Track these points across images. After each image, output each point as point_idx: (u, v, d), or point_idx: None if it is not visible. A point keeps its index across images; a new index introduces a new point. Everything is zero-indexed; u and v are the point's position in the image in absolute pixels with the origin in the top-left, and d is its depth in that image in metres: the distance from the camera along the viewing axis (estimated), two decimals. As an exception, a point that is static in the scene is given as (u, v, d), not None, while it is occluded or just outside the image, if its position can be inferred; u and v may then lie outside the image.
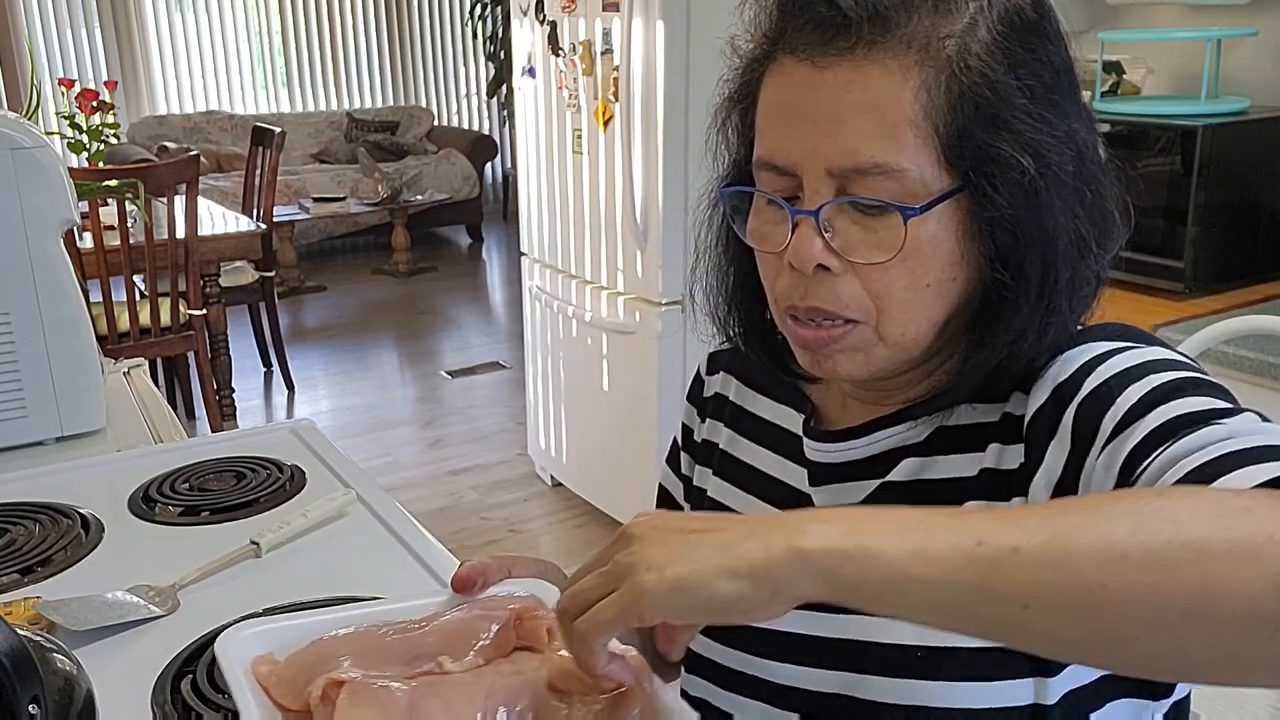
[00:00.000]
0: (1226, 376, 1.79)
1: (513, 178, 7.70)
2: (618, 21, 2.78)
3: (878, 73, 0.69)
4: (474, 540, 3.27)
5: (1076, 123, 0.74)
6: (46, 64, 6.74)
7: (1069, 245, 0.73)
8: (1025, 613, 0.50)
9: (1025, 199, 0.71)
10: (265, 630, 0.71)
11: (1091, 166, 0.75)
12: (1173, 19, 2.47)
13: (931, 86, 0.69)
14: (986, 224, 0.71)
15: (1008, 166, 0.70)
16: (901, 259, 0.71)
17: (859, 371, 0.77)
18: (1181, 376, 0.68)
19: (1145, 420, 0.65)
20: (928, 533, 0.53)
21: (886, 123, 0.69)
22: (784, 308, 0.77)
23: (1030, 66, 0.72)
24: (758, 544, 0.54)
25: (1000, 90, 0.70)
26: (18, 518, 1.12)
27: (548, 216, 3.34)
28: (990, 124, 0.70)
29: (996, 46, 0.71)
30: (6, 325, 1.35)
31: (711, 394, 0.98)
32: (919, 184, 0.70)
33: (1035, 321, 0.73)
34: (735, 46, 0.79)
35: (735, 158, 0.82)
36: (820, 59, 0.70)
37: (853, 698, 0.78)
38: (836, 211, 0.72)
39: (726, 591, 0.54)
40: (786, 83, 0.73)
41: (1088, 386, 0.71)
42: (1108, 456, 0.67)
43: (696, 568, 0.54)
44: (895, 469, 0.81)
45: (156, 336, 3.49)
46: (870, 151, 0.69)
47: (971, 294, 0.75)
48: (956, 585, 0.51)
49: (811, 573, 0.53)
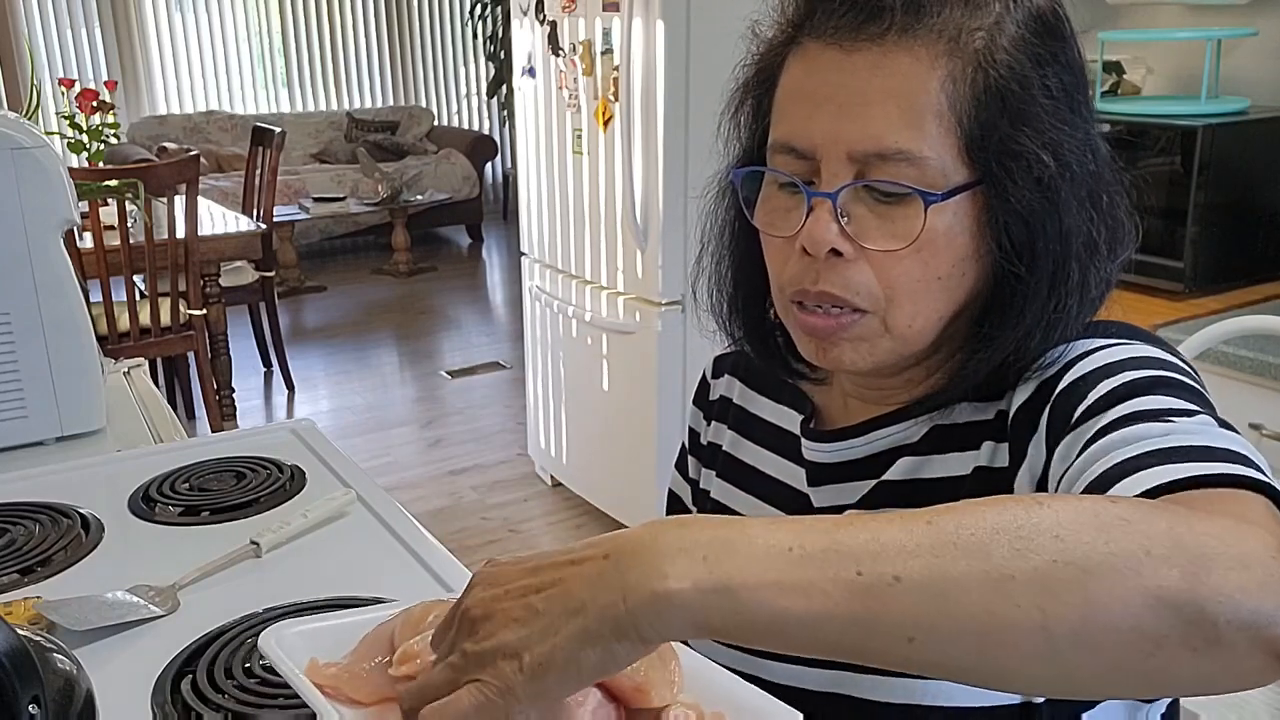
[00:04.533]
0: (1226, 376, 1.79)
1: (513, 178, 7.70)
2: (618, 21, 2.78)
3: (907, 60, 0.69)
4: (474, 540, 3.27)
5: (1092, 127, 0.74)
6: (46, 64, 6.74)
7: (1081, 246, 0.73)
8: (910, 645, 0.48)
9: (1043, 196, 0.71)
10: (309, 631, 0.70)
11: (1106, 171, 0.75)
12: (1173, 19, 2.47)
13: (958, 78, 0.70)
14: (1003, 219, 0.71)
15: (1029, 162, 0.70)
16: (915, 249, 0.71)
17: (862, 363, 0.76)
18: (1157, 375, 0.68)
19: (1107, 413, 0.65)
20: (801, 561, 0.48)
21: (912, 110, 0.69)
22: (791, 294, 0.76)
23: (1052, 67, 0.72)
24: (613, 596, 0.48)
25: (1026, 87, 0.70)
26: (18, 518, 1.12)
27: (548, 216, 3.34)
28: (1014, 119, 0.70)
29: (1023, 44, 0.71)
30: (6, 325, 1.34)
31: (717, 397, 0.98)
32: (939, 174, 0.70)
33: (1043, 319, 0.73)
34: (757, 32, 0.78)
35: (746, 145, 0.82)
36: (850, 43, 0.71)
37: (847, 696, 0.78)
38: (854, 197, 0.72)
39: (594, 660, 0.49)
40: (811, 66, 0.73)
41: (1066, 380, 0.71)
42: (1065, 447, 0.67)
43: (555, 643, 0.49)
44: (891, 468, 0.81)
45: (156, 336, 3.49)
46: (895, 137, 0.69)
47: (979, 291, 0.75)
48: (836, 620, 0.48)
49: (679, 617, 0.48)
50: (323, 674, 0.66)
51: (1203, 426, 0.61)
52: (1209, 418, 0.63)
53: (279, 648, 0.67)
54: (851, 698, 0.78)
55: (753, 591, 0.48)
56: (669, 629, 0.49)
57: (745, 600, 0.48)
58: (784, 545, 0.49)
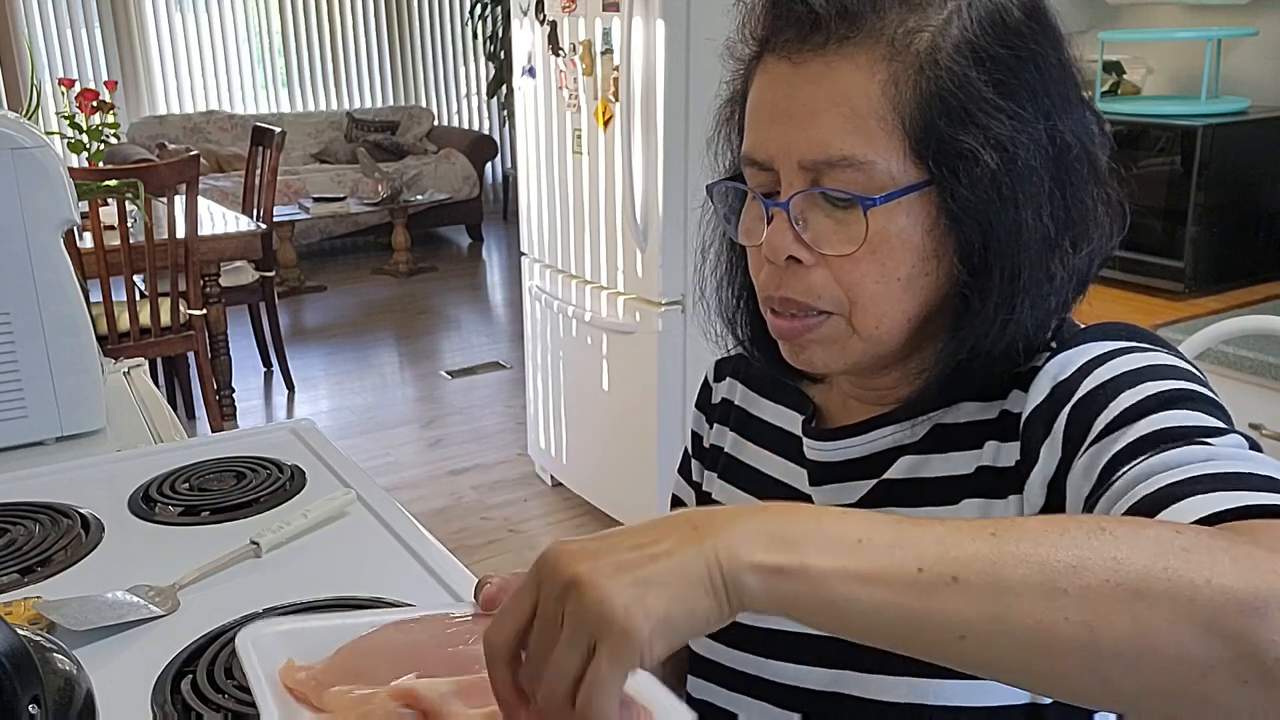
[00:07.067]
0: (1226, 376, 1.79)
1: (513, 178, 7.70)
2: (618, 21, 2.78)
3: (848, 68, 0.71)
4: (474, 540, 3.27)
5: (1062, 121, 0.74)
6: (46, 64, 6.74)
7: (1034, 241, 0.73)
8: (961, 643, 0.50)
9: (990, 194, 0.71)
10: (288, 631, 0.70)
11: (1075, 165, 0.74)
12: (1173, 19, 2.47)
13: (900, 81, 0.70)
14: (954, 218, 0.72)
15: (972, 161, 0.70)
16: (870, 251, 0.72)
17: (835, 364, 0.78)
18: (1178, 387, 0.68)
19: (1133, 427, 0.65)
20: (869, 552, 0.51)
21: (855, 116, 0.71)
22: (763, 299, 0.79)
23: (1008, 64, 0.72)
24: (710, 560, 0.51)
25: (967, 86, 0.71)
26: (18, 518, 1.12)
27: (548, 216, 3.34)
28: (955, 119, 0.70)
29: (968, 44, 0.71)
30: (6, 325, 1.35)
31: (719, 400, 0.99)
32: (886, 176, 0.71)
33: (996, 320, 0.73)
34: (732, 50, 0.80)
35: (734, 158, 0.83)
36: (797, 56, 0.73)
37: (852, 696, 0.78)
38: (809, 204, 0.73)
39: (708, 611, 0.51)
40: (768, 80, 0.75)
41: (1085, 388, 0.71)
42: (1090, 459, 0.67)
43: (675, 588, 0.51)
44: (892, 467, 0.81)
45: (156, 336, 3.49)
46: (839, 144, 0.71)
47: (947, 291, 0.75)
48: (894, 610, 0.51)
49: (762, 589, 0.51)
50: (294, 677, 0.66)
51: (1241, 450, 0.62)
52: (1240, 437, 0.64)
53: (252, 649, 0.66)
54: (855, 697, 0.78)
55: (824, 575, 0.51)
56: (753, 599, 0.51)
57: (817, 583, 0.51)
58: (854, 537, 0.52)
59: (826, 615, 0.51)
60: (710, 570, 0.51)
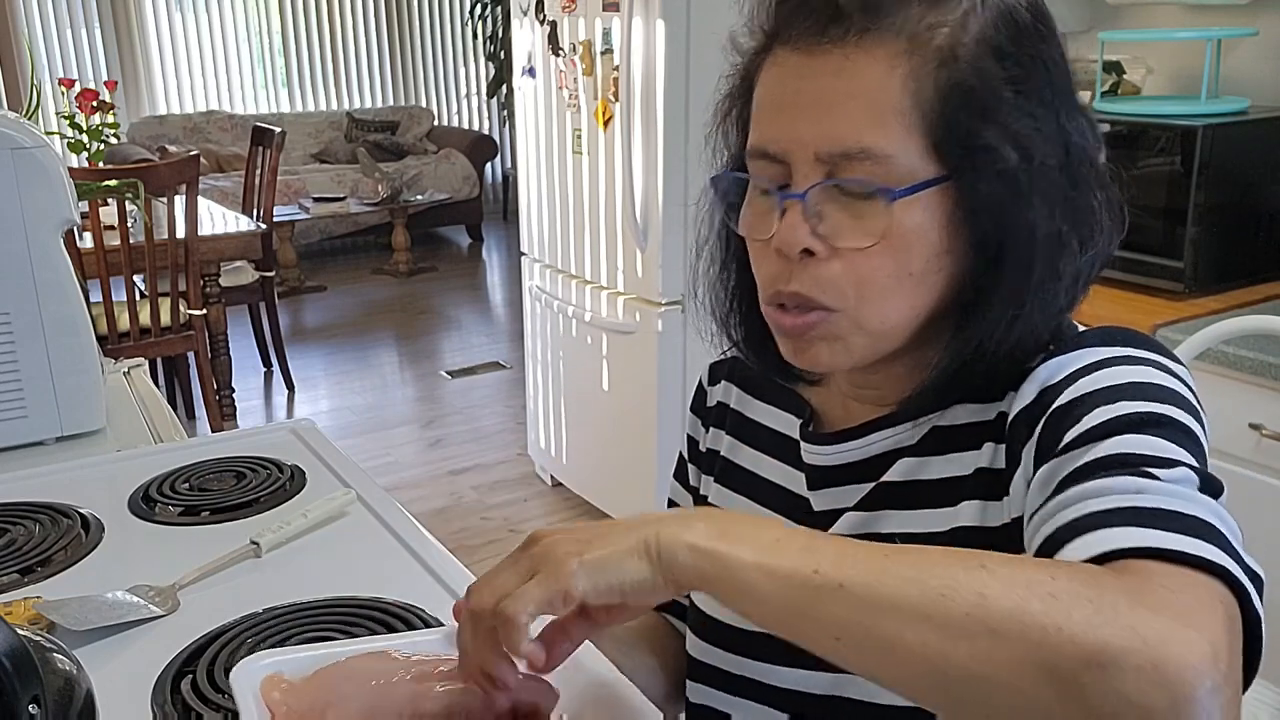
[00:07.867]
0: (1226, 376, 1.79)
1: (513, 178, 7.70)
2: (618, 21, 2.78)
3: (867, 61, 0.71)
4: (474, 540, 3.27)
5: (1069, 123, 0.74)
6: (46, 64, 6.74)
7: (1047, 239, 0.73)
8: (836, 643, 0.56)
9: (1008, 190, 0.71)
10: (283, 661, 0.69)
11: (1081, 167, 0.75)
12: (1173, 19, 2.47)
13: (920, 75, 0.70)
14: (970, 213, 0.72)
15: (992, 157, 0.70)
16: (886, 245, 0.72)
17: (840, 361, 0.77)
18: (1151, 410, 0.66)
19: (1096, 447, 0.65)
20: (780, 551, 0.58)
21: (874, 109, 0.70)
22: (768, 295, 0.78)
23: (1022, 64, 0.72)
24: (651, 531, 0.60)
25: (988, 82, 0.71)
26: (18, 518, 1.12)
27: (548, 216, 3.34)
28: (977, 114, 0.71)
29: (987, 41, 0.72)
30: (6, 325, 1.35)
31: (714, 403, 0.98)
32: (905, 170, 0.71)
33: (1004, 317, 0.73)
34: (736, 43, 0.80)
35: (734, 153, 0.83)
36: (813, 48, 0.72)
37: (847, 698, 0.78)
38: (825, 197, 0.73)
39: (637, 571, 0.60)
40: (780, 73, 0.75)
41: (1065, 397, 0.70)
42: (1048, 471, 0.67)
43: (611, 549, 0.60)
44: (890, 470, 0.81)
45: (156, 336, 3.49)
46: (858, 137, 0.70)
47: (957, 286, 0.75)
48: (787, 605, 0.57)
49: (690, 564, 0.59)
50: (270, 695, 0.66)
51: (1177, 487, 0.61)
52: (1190, 472, 0.62)
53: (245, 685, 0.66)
54: (853, 701, 0.78)
55: (740, 564, 0.58)
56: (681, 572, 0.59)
57: (733, 570, 0.58)
58: (774, 538, 0.59)
59: (734, 598, 0.59)
60: (649, 542, 0.60)
